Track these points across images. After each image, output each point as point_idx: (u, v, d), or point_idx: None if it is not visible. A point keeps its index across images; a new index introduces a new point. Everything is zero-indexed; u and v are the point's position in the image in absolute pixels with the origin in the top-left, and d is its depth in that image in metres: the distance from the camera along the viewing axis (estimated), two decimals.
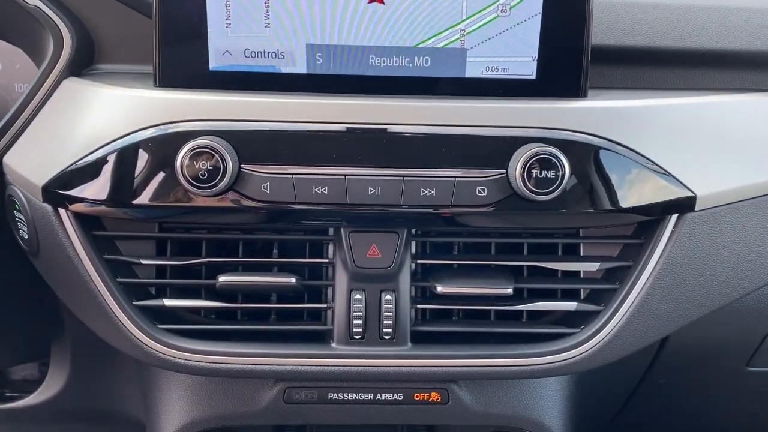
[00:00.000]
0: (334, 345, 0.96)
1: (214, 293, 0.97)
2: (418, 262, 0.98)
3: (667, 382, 1.29)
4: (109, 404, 1.33)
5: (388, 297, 0.96)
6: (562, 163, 0.88)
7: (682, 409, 1.42)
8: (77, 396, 1.32)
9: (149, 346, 0.94)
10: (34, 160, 0.95)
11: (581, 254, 1.01)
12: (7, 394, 1.41)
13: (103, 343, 1.14)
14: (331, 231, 0.97)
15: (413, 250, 0.98)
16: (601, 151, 0.92)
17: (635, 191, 0.94)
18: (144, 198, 0.90)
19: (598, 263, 0.99)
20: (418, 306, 0.99)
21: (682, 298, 0.99)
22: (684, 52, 1.03)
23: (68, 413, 1.39)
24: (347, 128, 0.89)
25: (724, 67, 1.06)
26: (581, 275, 1.02)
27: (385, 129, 0.90)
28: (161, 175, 0.89)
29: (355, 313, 0.95)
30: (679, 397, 1.37)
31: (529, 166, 0.88)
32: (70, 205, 0.92)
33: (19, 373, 1.45)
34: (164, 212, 0.92)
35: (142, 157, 0.90)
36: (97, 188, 0.91)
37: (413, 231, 0.97)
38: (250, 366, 0.95)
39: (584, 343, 0.97)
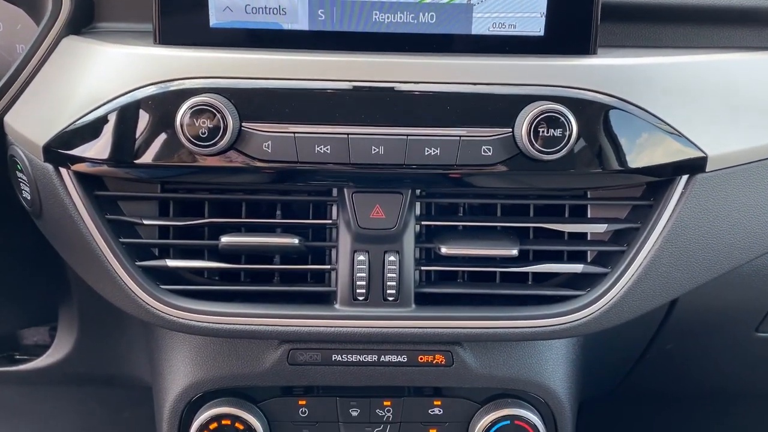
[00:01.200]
0: (337, 306, 0.96)
1: (217, 254, 0.97)
2: (423, 223, 0.97)
3: (675, 348, 1.28)
4: (117, 368, 1.34)
5: (392, 258, 0.95)
6: (570, 122, 0.86)
7: (689, 375, 1.41)
8: (85, 359, 1.33)
9: (153, 307, 0.94)
10: (35, 120, 0.94)
11: (588, 216, 0.99)
12: (17, 357, 1.42)
13: (110, 307, 1.14)
14: (334, 192, 0.96)
15: (417, 211, 0.97)
16: (611, 110, 0.89)
17: (645, 151, 0.92)
18: (144, 157, 0.89)
19: (606, 225, 0.97)
20: (422, 268, 0.98)
21: (690, 261, 0.97)
22: (699, 8, 1.00)
23: (77, 376, 1.40)
24: (350, 86, 0.88)
25: (740, 24, 1.02)
26: (588, 237, 1.00)
27: (389, 87, 0.88)
28: (161, 133, 0.88)
29: (358, 274, 0.95)
30: (686, 364, 1.36)
31: (536, 124, 0.86)
32: (72, 165, 0.91)
33: (30, 338, 1.47)
34: (165, 172, 0.91)
35: (143, 116, 0.88)
36: (98, 148, 0.90)
37: (417, 192, 0.96)
38: (253, 326, 0.95)
39: (590, 306, 0.96)
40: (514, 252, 0.95)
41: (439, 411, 1.08)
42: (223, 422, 1.03)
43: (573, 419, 1.11)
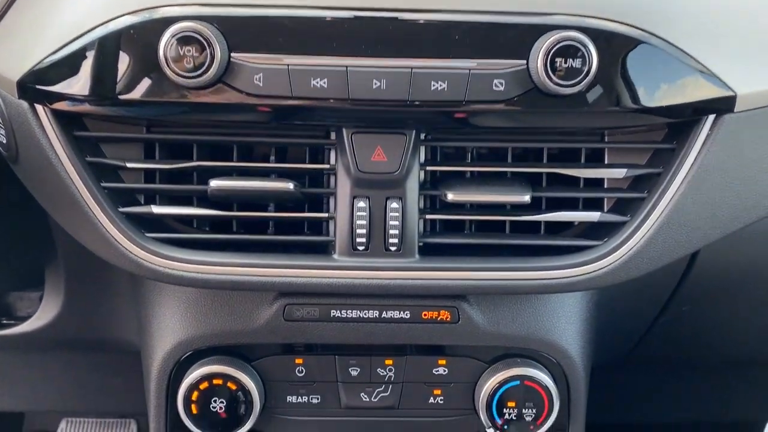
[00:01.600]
0: (335, 257, 0.89)
1: (206, 202, 0.90)
2: (428, 169, 0.90)
3: (691, 311, 1.21)
4: (106, 331, 1.28)
5: (395, 205, 0.88)
6: (590, 53, 0.79)
7: (703, 341, 1.35)
8: (73, 322, 1.27)
9: (137, 256, 0.88)
10: (8, 54, 0.87)
11: (606, 162, 0.92)
12: (4, 321, 1.37)
13: (97, 267, 1.08)
14: (332, 136, 0.89)
15: (422, 157, 0.90)
16: (633, 42, 0.82)
17: (669, 88, 0.84)
18: (127, 92, 0.82)
19: (625, 170, 0.90)
20: (427, 216, 0.91)
21: (715, 209, 0.90)
22: None
23: (66, 341, 1.34)
24: (350, 14, 0.80)
25: None
26: (605, 185, 0.93)
27: (392, 15, 0.81)
28: (144, 65, 0.81)
29: (358, 222, 0.88)
30: (701, 328, 1.29)
31: (553, 55, 0.79)
32: (49, 102, 0.84)
33: (20, 306, 1.41)
34: (148, 110, 0.84)
35: (124, 47, 0.81)
36: (76, 83, 0.83)
37: (422, 136, 0.89)
38: (245, 277, 0.88)
39: (608, 256, 0.89)
40: (526, 198, 0.88)
41: (444, 371, 1.01)
42: (215, 382, 0.97)
43: (586, 381, 1.05)
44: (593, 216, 0.91)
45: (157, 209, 0.89)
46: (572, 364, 1.02)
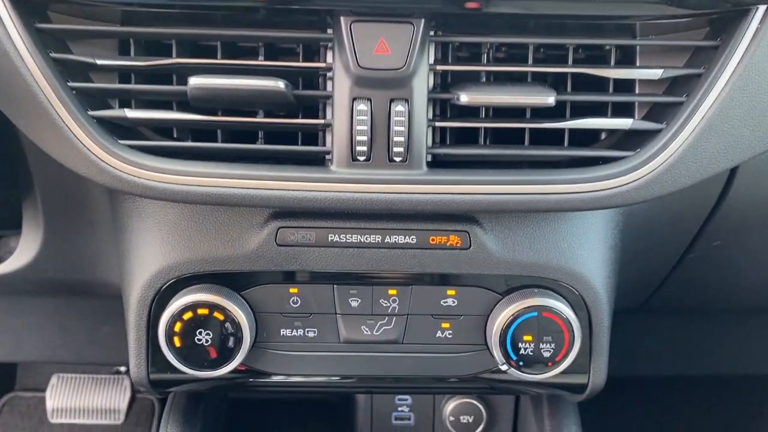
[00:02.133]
0: (333, 168, 0.79)
1: (187, 108, 0.80)
2: (438, 69, 0.80)
3: (721, 246, 1.11)
4: (88, 272, 1.19)
5: (400, 108, 0.77)
6: None
7: (730, 284, 1.25)
8: (53, 262, 1.18)
9: (110, 165, 0.78)
10: None
11: (638, 63, 0.82)
12: None
13: (76, 202, 0.99)
14: (329, 31, 0.78)
15: (431, 57, 0.79)
16: None
17: None
18: None
19: (661, 70, 0.80)
20: (437, 124, 0.81)
21: (763, 114, 0.80)
22: None
23: (47, 283, 1.26)
24: None
25: None
26: (636, 90, 0.83)
27: None
28: None
29: (358, 128, 0.78)
30: (731, 268, 1.19)
31: None
32: None
33: (2, 251, 1.32)
34: None
35: None
36: None
37: (432, 32, 0.78)
38: (232, 190, 0.78)
39: (641, 167, 0.79)
40: (551, 100, 0.78)
41: (453, 302, 0.92)
42: (200, 312, 0.87)
43: (610, 316, 0.95)
44: (625, 123, 0.80)
45: (131, 113, 0.79)
46: (595, 297, 0.92)
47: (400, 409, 1.29)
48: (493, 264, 0.89)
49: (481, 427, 1.29)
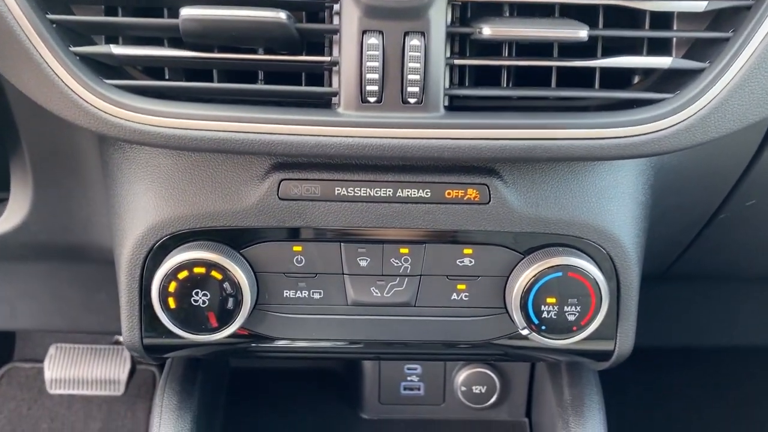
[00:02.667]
0: (340, 110, 0.72)
1: (180, 44, 0.72)
2: (456, 1, 0.72)
3: (755, 206, 1.04)
4: (81, 234, 1.12)
5: (415, 42, 0.70)
6: None
7: (762, 248, 1.18)
8: (44, 224, 1.11)
9: (95, 106, 0.71)
10: None
11: None
12: None
13: (65, 159, 0.92)
14: None
15: None
16: None
17: None
18: None
19: (706, 2, 0.72)
20: (456, 62, 0.73)
21: None
22: None
23: (39, 246, 1.19)
24: None
25: None
26: (675, 26, 0.75)
27: None
28: None
29: (368, 64, 0.70)
30: (764, 228, 1.12)
31: None
32: None
33: None
34: None
35: None
36: None
37: None
38: (229, 134, 0.71)
39: (682, 110, 0.71)
40: (583, 34, 0.70)
41: (470, 262, 0.85)
42: (196, 271, 0.80)
43: (639, 277, 0.88)
44: (663, 62, 0.73)
45: (118, 50, 0.72)
46: (625, 256, 0.85)
47: (409, 378, 1.23)
48: (514, 220, 0.82)
49: (494, 398, 1.23)
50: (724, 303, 1.46)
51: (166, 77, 0.76)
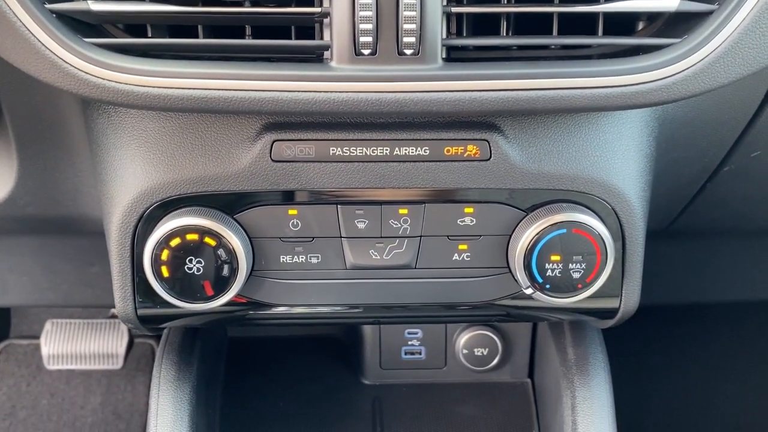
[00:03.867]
0: (333, 64, 0.69)
1: None
2: None
3: (760, 157, 1.01)
4: (71, 206, 1.09)
5: None
6: None
7: (765, 201, 1.16)
8: (32, 196, 1.08)
9: (76, 66, 0.67)
10: None
11: None
12: None
13: (50, 127, 0.88)
14: None
15: None
16: None
17: None
18: None
19: None
20: (453, 10, 0.70)
21: None
22: None
23: (27, 220, 1.16)
24: None
25: None
26: None
27: None
28: None
29: (361, 14, 0.66)
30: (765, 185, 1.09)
31: None
32: None
33: None
34: None
35: None
36: None
37: None
38: (218, 92, 0.67)
39: (689, 55, 0.68)
40: None
41: (471, 221, 0.82)
42: (188, 237, 0.78)
43: (644, 232, 0.86)
44: (669, 4, 0.69)
45: (96, 5, 0.68)
46: (630, 211, 0.83)
47: (410, 343, 1.22)
48: (516, 177, 0.80)
49: (496, 360, 1.22)
50: (728, 258, 1.44)
51: (149, 35, 0.73)
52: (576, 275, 0.81)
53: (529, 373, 1.23)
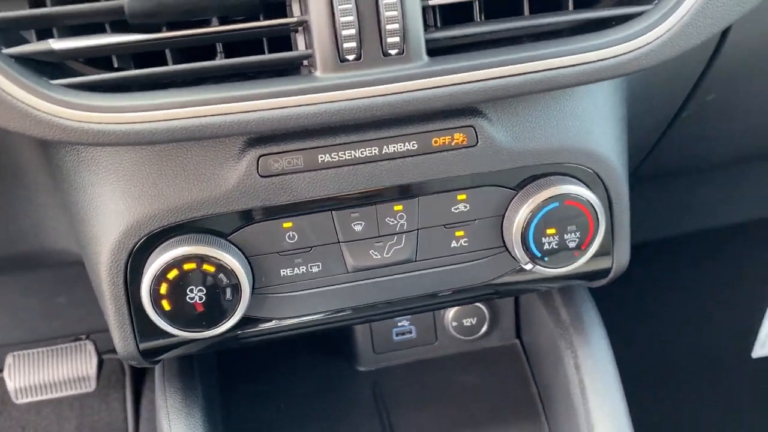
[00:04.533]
0: (318, 74, 0.66)
1: (125, 27, 0.64)
2: None
3: (715, 99, 1.05)
4: (33, 243, 1.03)
5: None
6: None
7: (722, 138, 1.20)
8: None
9: (48, 112, 0.62)
10: None
11: None
12: None
13: (4, 161, 0.82)
14: None
15: None
16: None
17: None
18: None
19: None
20: (430, 2, 0.68)
21: None
22: None
23: None
24: None
25: None
26: None
27: None
28: None
29: (342, 19, 0.64)
30: (723, 120, 1.14)
31: None
32: None
33: None
34: None
35: None
36: None
37: None
38: (202, 119, 0.65)
39: (665, 20, 0.69)
40: None
41: (465, 207, 0.83)
42: (186, 267, 0.75)
43: (628, 191, 0.88)
44: None
45: (59, 44, 0.63)
46: (613, 174, 0.85)
47: (400, 324, 1.23)
48: (504, 157, 0.80)
49: (485, 327, 1.24)
50: (697, 192, 1.49)
51: (114, 65, 0.69)
52: (572, 244, 0.83)
53: (516, 334, 1.26)
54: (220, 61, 0.67)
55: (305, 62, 0.68)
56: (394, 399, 1.19)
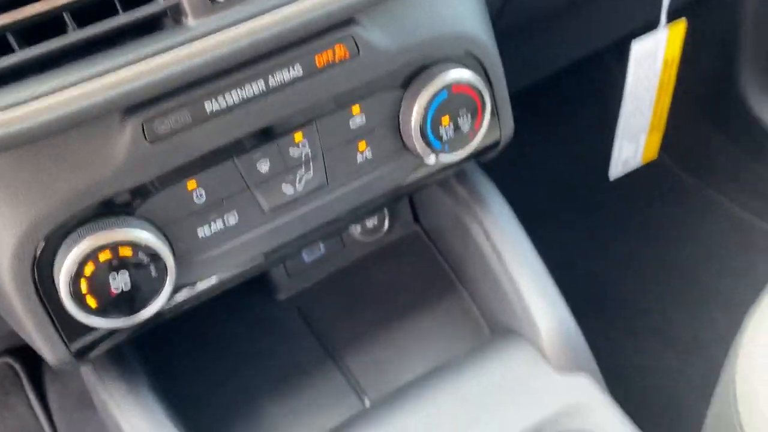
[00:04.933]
0: (191, 23, 0.61)
1: None
2: None
3: None
4: None
5: None
6: None
7: None
8: None
9: None
10: None
11: None
12: None
13: None
14: None
15: None
16: None
17: None
18: None
19: None
20: None
21: None
22: None
23: None
24: None
25: None
26: None
27: None
28: None
29: None
30: None
31: None
32: None
33: None
34: None
35: None
36: None
37: None
38: (80, 102, 0.58)
39: None
40: None
41: (362, 118, 0.82)
42: (102, 258, 0.70)
43: (501, 63, 0.91)
44: None
45: None
46: (487, 51, 0.88)
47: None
48: (389, 59, 0.80)
49: (386, 224, 1.28)
50: (561, 28, 1.54)
51: None
52: (465, 127, 0.87)
53: (415, 220, 1.31)
54: (77, 34, 0.60)
55: (172, 13, 0.62)
56: (322, 317, 1.21)
